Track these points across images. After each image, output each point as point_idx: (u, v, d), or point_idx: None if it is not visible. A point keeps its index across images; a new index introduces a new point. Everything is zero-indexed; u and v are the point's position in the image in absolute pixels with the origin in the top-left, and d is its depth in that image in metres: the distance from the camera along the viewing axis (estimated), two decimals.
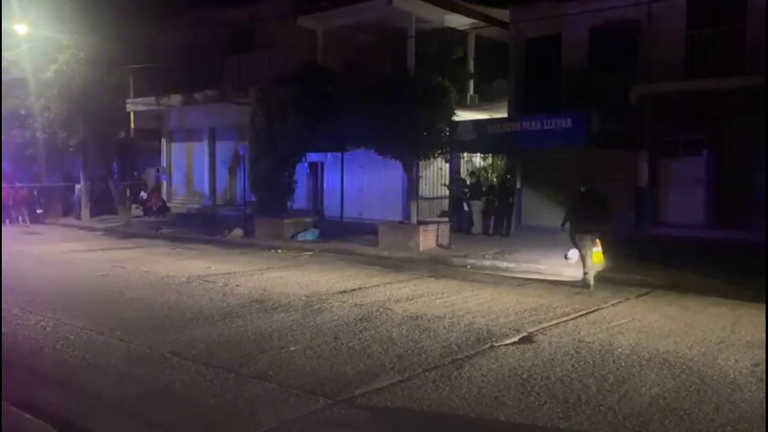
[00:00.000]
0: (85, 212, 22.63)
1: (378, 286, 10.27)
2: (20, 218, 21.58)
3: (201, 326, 7.54)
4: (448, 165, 18.50)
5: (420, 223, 15.26)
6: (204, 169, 24.26)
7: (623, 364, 6.10)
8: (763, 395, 5.27)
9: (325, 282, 10.60)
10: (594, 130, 13.20)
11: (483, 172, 18.33)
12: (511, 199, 16.41)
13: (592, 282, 10.11)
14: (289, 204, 17.92)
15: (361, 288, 10.05)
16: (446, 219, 17.30)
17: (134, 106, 23.81)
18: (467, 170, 18.79)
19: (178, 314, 8.16)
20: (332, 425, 4.72)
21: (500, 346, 6.73)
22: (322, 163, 20.95)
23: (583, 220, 10.28)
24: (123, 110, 23.28)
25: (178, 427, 4.72)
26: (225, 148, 23.21)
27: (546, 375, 5.77)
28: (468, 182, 17.84)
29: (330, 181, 20.68)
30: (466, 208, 17.29)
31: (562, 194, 14.90)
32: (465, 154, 18.45)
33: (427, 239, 14.47)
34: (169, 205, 24.59)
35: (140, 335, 7.09)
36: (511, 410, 4.97)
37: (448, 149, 15.80)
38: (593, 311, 8.47)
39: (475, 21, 18.91)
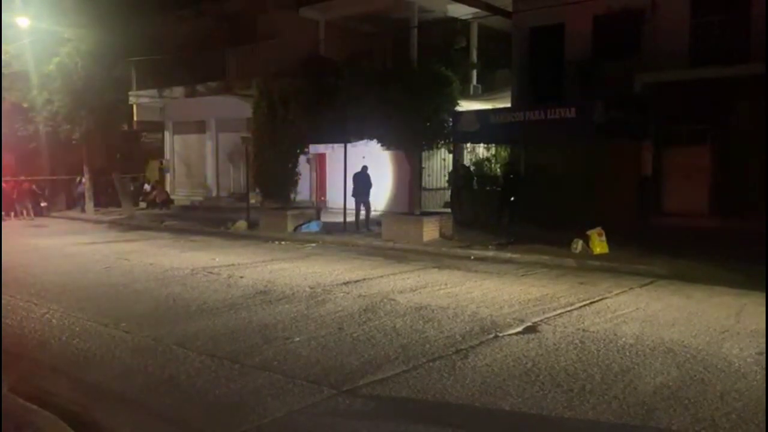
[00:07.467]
0: (89, 205, 22.67)
1: (382, 276, 10.28)
2: (24, 212, 21.64)
3: (205, 318, 7.56)
4: (451, 156, 18.47)
5: (423, 213, 15.25)
6: (207, 161, 24.27)
7: (627, 354, 6.10)
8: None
9: (329, 273, 10.61)
10: (598, 120, 13.12)
11: (487, 162, 18.29)
12: (515, 191, 16.35)
13: None
14: (292, 196, 17.92)
15: (364, 279, 10.06)
16: (449, 210, 17.29)
17: (137, 98, 23.81)
18: (470, 161, 18.76)
19: (182, 306, 8.19)
20: (337, 415, 4.74)
21: (504, 336, 6.74)
22: (326, 155, 20.95)
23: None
24: (126, 103, 23.28)
25: (184, 418, 4.74)
26: (228, 140, 23.21)
27: (550, 364, 5.77)
28: (472, 172, 17.80)
29: (333, 172, 20.66)
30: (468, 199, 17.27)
31: (565, 184, 14.85)
32: (468, 145, 18.40)
33: (431, 230, 14.44)
34: (172, 197, 24.62)
35: (145, 327, 7.12)
36: (516, 400, 4.97)
37: (451, 140, 15.74)
38: (597, 301, 8.47)
39: (478, 10, 18.83)
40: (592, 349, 6.23)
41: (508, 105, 17.00)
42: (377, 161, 18.66)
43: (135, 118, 24.80)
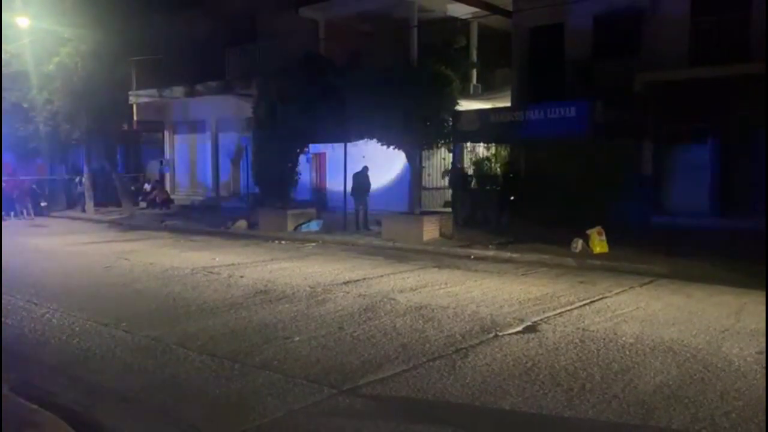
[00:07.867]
0: (89, 205, 22.66)
1: (382, 276, 10.28)
2: (24, 211, 21.63)
3: (205, 317, 7.56)
4: (451, 155, 18.47)
5: (423, 213, 15.26)
6: (207, 160, 24.28)
7: (627, 353, 6.10)
8: None
9: (329, 273, 10.61)
10: (598, 119, 13.13)
11: (486, 162, 18.28)
12: (515, 190, 16.35)
13: None
14: (292, 195, 17.92)
15: (365, 278, 10.06)
16: (449, 209, 17.29)
17: (137, 98, 23.81)
18: (470, 160, 18.75)
19: (182, 305, 8.19)
20: (337, 414, 4.74)
21: (504, 335, 6.74)
22: (325, 154, 20.96)
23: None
24: (126, 102, 23.28)
25: (184, 418, 4.74)
26: (228, 140, 23.22)
27: (550, 364, 5.77)
28: (471, 172, 17.79)
29: (333, 172, 20.65)
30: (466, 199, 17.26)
31: (565, 183, 14.84)
32: (468, 145, 18.39)
33: (431, 229, 14.45)
34: (172, 197, 24.63)
35: (145, 326, 7.12)
36: (516, 399, 4.98)
37: (451, 139, 15.74)
38: (597, 300, 8.47)
39: (478, 10, 18.83)
40: (592, 349, 6.24)
41: (508, 104, 16.99)
42: (377, 160, 18.64)
43: (135, 118, 24.80)
